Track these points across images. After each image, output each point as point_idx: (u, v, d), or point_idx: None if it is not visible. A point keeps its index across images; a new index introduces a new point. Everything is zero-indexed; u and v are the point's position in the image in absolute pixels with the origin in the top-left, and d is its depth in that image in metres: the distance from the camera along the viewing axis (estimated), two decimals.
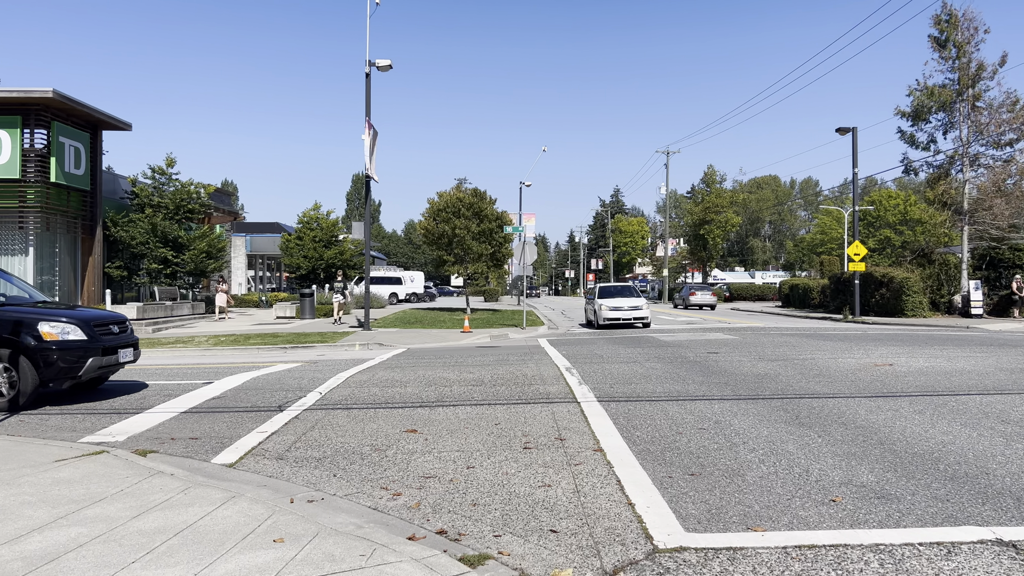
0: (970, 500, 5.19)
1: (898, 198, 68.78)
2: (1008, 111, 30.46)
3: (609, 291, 28.70)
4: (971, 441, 6.94)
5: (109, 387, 11.48)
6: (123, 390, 11.20)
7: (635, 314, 26.54)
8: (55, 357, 9.32)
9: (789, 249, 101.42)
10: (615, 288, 29.41)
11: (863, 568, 4.00)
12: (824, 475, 5.89)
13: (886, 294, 32.22)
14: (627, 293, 28.48)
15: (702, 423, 8.03)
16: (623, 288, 29.50)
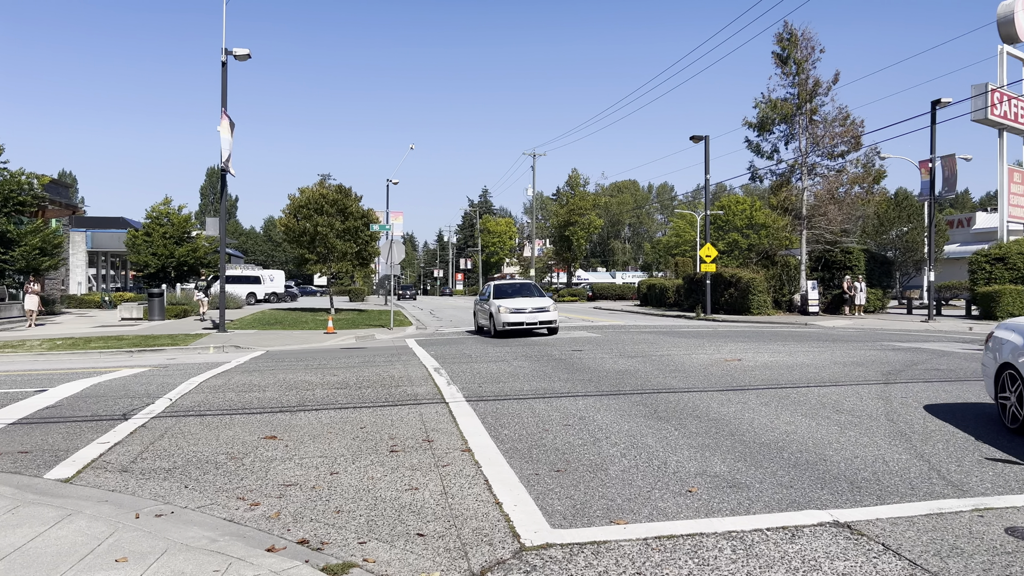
0: (811, 485, 5.58)
1: (745, 203, 73.48)
2: (840, 125, 33.21)
3: (506, 290, 23.15)
4: (811, 430, 7.48)
5: None
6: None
7: (541, 317, 21.48)
8: None
9: (647, 251, 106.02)
10: (514, 287, 23.69)
11: (717, 555, 4.19)
12: (681, 467, 6.15)
13: (734, 293, 34.30)
14: (528, 292, 23.28)
15: (567, 420, 8.20)
16: (523, 286, 23.81)
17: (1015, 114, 31.32)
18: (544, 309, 21.58)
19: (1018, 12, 31.40)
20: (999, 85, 30.68)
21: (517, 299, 22.00)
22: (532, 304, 21.62)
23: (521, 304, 21.61)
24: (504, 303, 21.61)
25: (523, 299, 22.10)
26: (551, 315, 21.60)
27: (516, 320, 21.27)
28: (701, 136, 33.93)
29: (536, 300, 22.07)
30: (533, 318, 21.38)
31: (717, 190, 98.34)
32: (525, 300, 21.98)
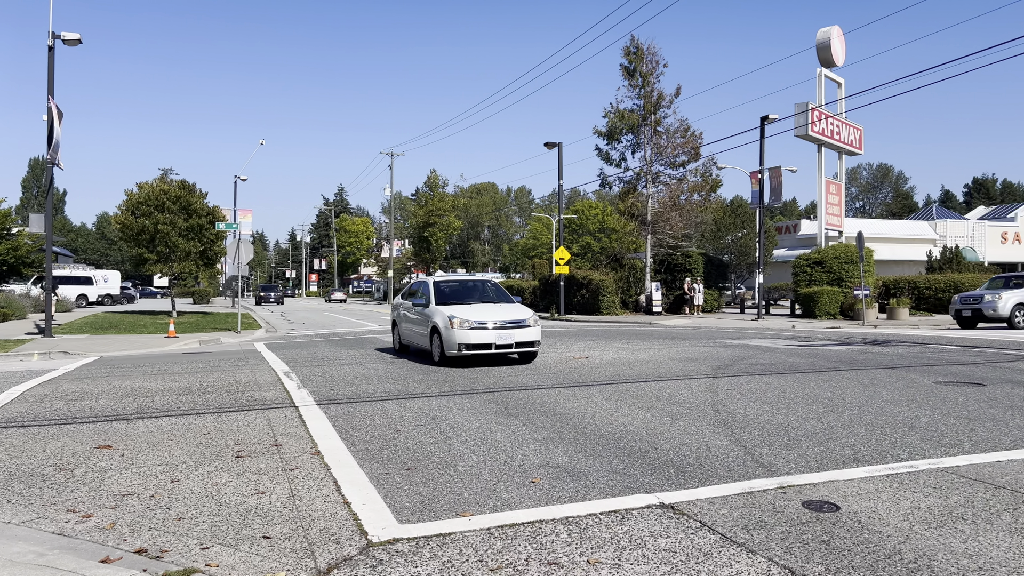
0: (642, 471, 6.04)
1: (598, 208, 76.52)
2: (681, 136, 35.44)
3: (456, 291, 15.44)
4: (645, 422, 8.05)
5: None
6: None
7: (518, 336, 13.74)
8: None
9: (506, 253, 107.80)
10: (465, 286, 15.85)
11: (554, 540, 4.49)
12: (526, 459, 6.46)
13: (586, 294, 35.71)
14: (488, 295, 15.49)
15: (420, 419, 8.33)
16: (478, 286, 15.95)
17: (832, 131, 34.66)
18: (521, 323, 13.80)
19: (834, 39, 34.78)
20: (818, 104, 33.84)
21: (476, 306, 14.25)
22: (501, 315, 13.84)
23: (485, 314, 13.75)
24: (458, 312, 13.69)
25: (485, 306, 14.32)
26: (532, 332, 13.83)
27: (481, 340, 13.34)
28: (555, 143, 35.05)
29: (506, 308, 14.30)
30: (506, 336, 13.48)
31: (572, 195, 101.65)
32: (489, 308, 14.16)
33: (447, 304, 14.27)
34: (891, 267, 47.18)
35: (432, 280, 15.57)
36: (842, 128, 35.53)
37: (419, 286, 16.19)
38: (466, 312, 13.68)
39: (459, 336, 13.24)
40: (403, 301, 16.75)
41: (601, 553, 4.25)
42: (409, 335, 15.84)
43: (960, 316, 25.03)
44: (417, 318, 15.14)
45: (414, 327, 15.40)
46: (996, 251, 57.89)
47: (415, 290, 16.27)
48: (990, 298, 23.89)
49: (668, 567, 4.05)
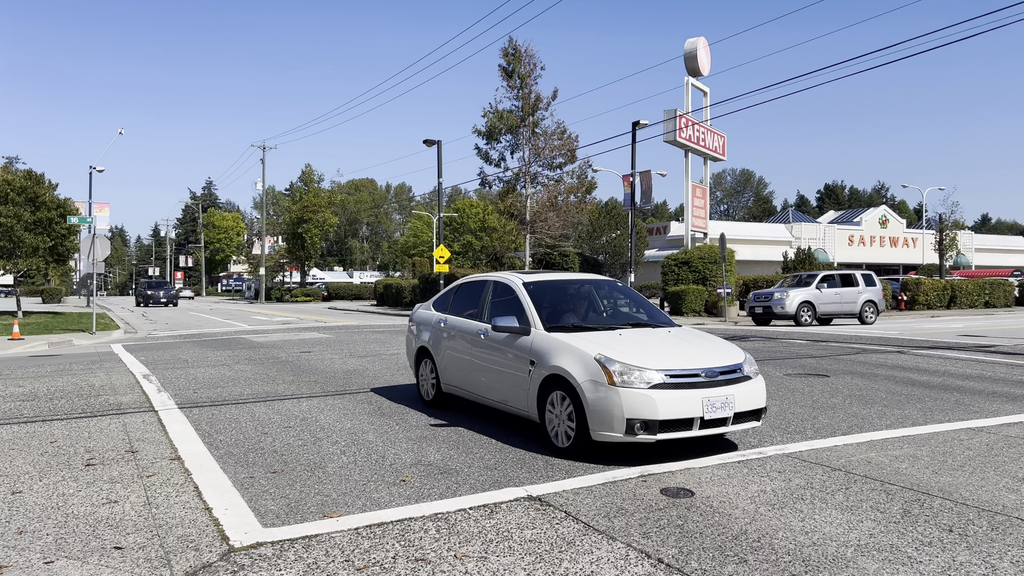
0: (512, 466, 6.16)
1: (478, 207, 76.92)
2: (559, 138, 36.24)
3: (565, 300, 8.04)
4: (518, 417, 8.19)
5: None
6: None
7: (740, 400, 6.39)
8: None
9: (385, 250, 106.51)
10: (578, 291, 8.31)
11: (423, 536, 4.51)
12: (398, 458, 6.44)
13: None
14: (624, 309, 8.40)
15: (289, 421, 8.13)
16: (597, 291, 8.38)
17: (698, 138, 36.45)
18: (735, 373, 6.59)
19: (700, 50, 36.59)
20: (686, 112, 35.50)
21: (631, 334, 7.11)
22: (695, 355, 6.68)
23: (669, 354, 6.60)
24: (613, 350, 6.45)
25: (644, 334, 7.21)
26: (755, 389, 6.64)
27: (678, 411, 6.13)
28: (434, 141, 34.96)
29: (687, 341, 7.17)
30: (720, 403, 6.27)
31: (453, 193, 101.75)
32: (659, 340, 7.06)
33: (566, 329, 7.05)
34: (752, 267, 50.22)
35: (521, 279, 7.89)
36: (707, 135, 37.43)
37: (486, 289, 8.30)
38: (632, 350, 6.44)
39: (633, 403, 6.04)
40: (443, 316, 8.78)
41: (469, 547, 4.32)
42: (467, 378, 8.11)
43: (753, 313, 26.28)
44: (493, 354, 7.62)
45: (486, 366, 7.75)
46: (844, 252, 62.80)
47: (475, 296, 8.46)
48: (779, 296, 25.26)
49: (533, 557, 4.16)
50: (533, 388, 6.82)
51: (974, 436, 7.23)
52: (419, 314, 9.59)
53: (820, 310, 25.43)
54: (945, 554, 4.19)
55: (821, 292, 25.63)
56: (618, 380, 6.09)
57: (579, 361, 6.37)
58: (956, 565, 4.04)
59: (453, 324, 8.48)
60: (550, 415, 6.69)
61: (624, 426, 6.02)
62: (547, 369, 6.61)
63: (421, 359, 9.18)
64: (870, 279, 27.08)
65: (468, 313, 8.36)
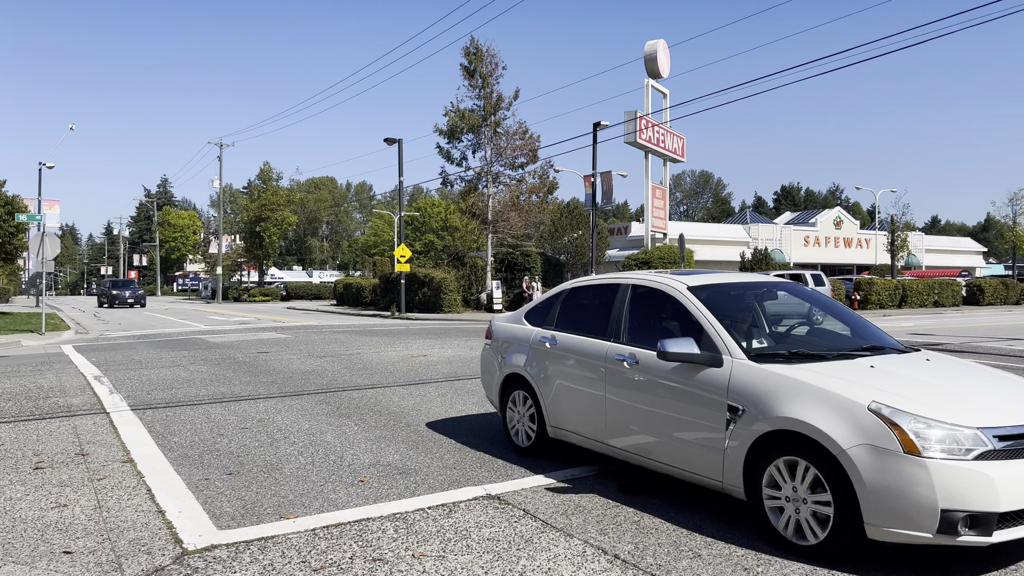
0: (472, 465, 6.17)
1: (440, 206, 76.67)
2: (520, 138, 36.27)
3: (767, 315, 5.88)
4: (479, 416, 8.20)
5: None
6: None
7: None
8: None
9: (345, 250, 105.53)
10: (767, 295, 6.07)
11: (381, 536, 4.50)
12: (356, 459, 6.41)
13: (428, 293, 35.72)
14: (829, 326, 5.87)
15: (245, 423, 8.02)
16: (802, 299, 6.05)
17: (657, 139, 36.86)
18: None
19: (660, 52, 36.99)
20: (645, 113, 35.87)
21: (895, 362, 4.84)
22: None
23: (996, 407, 4.15)
24: (902, 396, 4.11)
25: (947, 379, 4.61)
26: None
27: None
28: (395, 139, 34.75)
29: (1003, 385, 4.58)
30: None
31: (415, 192, 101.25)
32: (968, 386, 4.51)
33: (783, 358, 4.80)
34: (711, 267, 50.89)
35: (684, 282, 5.59)
36: (667, 136, 37.87)
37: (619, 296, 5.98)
38: (917, 393, 4.24)
39: (953, 483, 3.77)
40: (546, 333, 6.51)
41: (427, 546, 4.32)
42: (596, 423, 5.77)
43: None
44: (650, 393, 5.28)
45: (635, 409, 5.39)
46: (800, 253, 64.07)
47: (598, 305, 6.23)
48: None
49: (491, 555, 4.18)
50: (738, 450, 4.51)
51: None
52: (504, 328, 7.16)
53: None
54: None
55: None
56: (919, 445, 3.82)
57: (836, 411, 4.09)
58: None
59: (568, 345, 6.06)
60: (772, 495, 4.35)
61: (937, 521, 3.73)
62: (770, 422, 4.32)
63: (511, 390, 6.77)
64: (819, 279, 27.66)
65: (588, 329, 5.97)
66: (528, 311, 7.00)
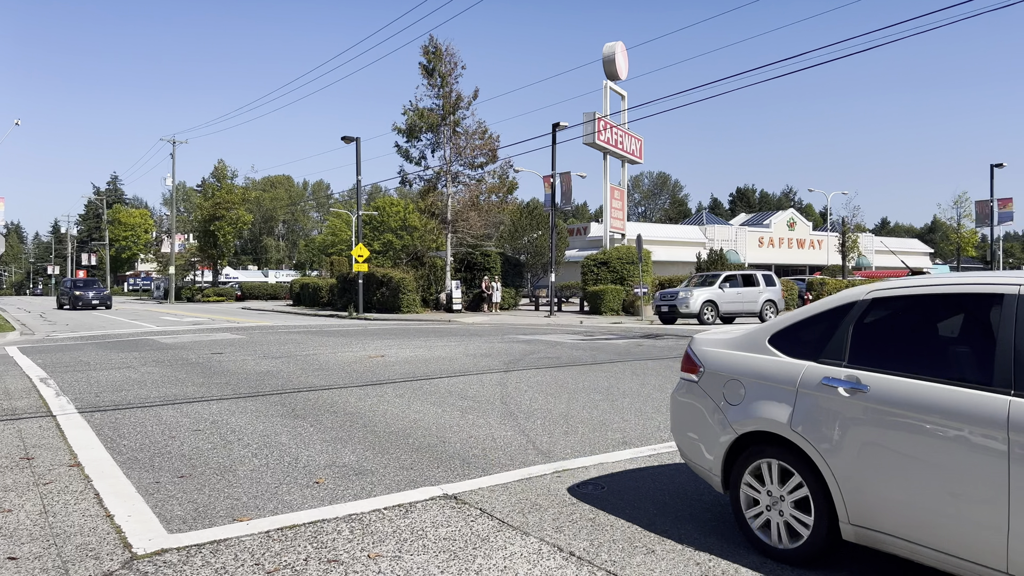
0: (429, 465, 6.16)
1: (399, 205, 76.21)
2: (480, 138, 36.25)
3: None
4: (436, 417, 8.20)
5: None
6: None
7: None
8: None
9: (302, 249, 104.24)
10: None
11: (336, 537, 4.47)
12: (312, 460, 6.35)
13: (386, 293, 35.48)
14: None
15: (198, 424, 7.88)
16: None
17: (616, 141, 37.14)
18: None
19: (618, 54, 37.30)
20: (604, 115, 36.13)
21: None
22: None
23: None
24: None
25: None
26: None
27: None
28: (353, 137, 34.45)
29: None
30: None
31: (373, 191, 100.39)
32: None
33: None
34: (667, 267, 51.53)
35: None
36: (625, 138, 38.19)
37: (999, 312, 3.45)
38: None
39: None
40: (839, 371, 3.98)
41: (382, 547, 4.30)
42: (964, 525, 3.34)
43: (660, 312, 26.79)
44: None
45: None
46: (755, 253, 65.22)
47: (955, 327, 3.79)
48: (683, 295, 25.89)
49: (447, 554, 4.19)
50: None
51: None
52: (728, 359, 4.68)
53: (723, 309, 26.30)
54: None
55: (724, 292, 26.51)
56: None
57: None
58: None
59: (902, 395, 3.66)
60: None
61: None
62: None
63: (752, 458, 4.34)
64: (770, 279, 28.18)
65: (939, 368, 3.63)
66: (778, 333, 4.51)
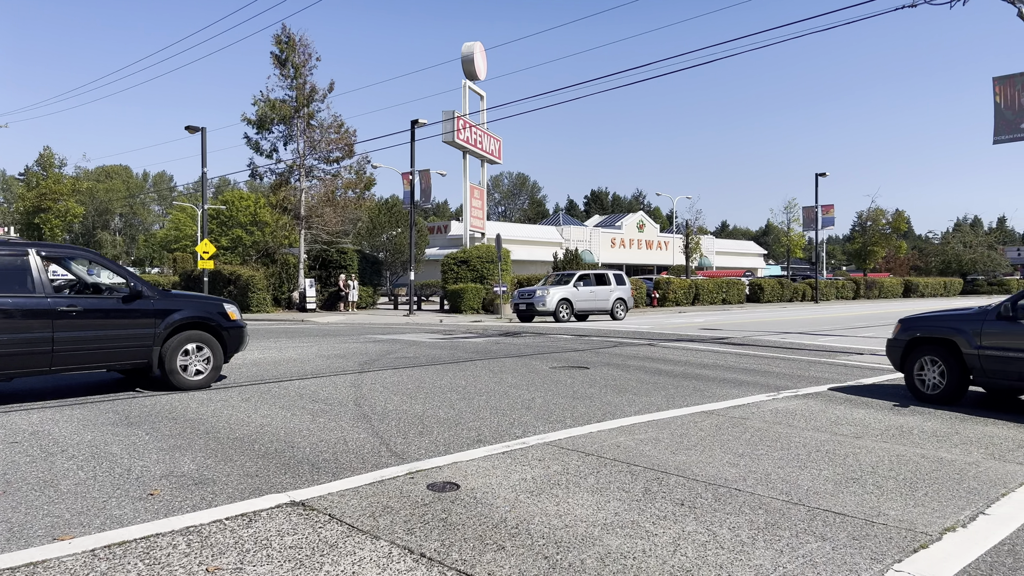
0: (276, 472, 5.92)
1: (249, 200, 72.81)
2: (336, 132, 35.31)
3: None
4: (285, 421, 7.90)
5: None
6: None
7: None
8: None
9: (141, 244, 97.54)
10: None
11: (171, 552, 4.19)
12: (146, 471, 5.93)
13: (234, 291, 33.82)
14: None
15: (14, 436, 7.16)
16: None
17: (475, 140, 37.40)
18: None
19: (477, 54, 37.57)
20: (463, 113, 36.27)
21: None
22: None
23: None
24: None
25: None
26: None
27: None
28: (198, 127, 32.59)
29: None
30: None
31: (221, 184, 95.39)
32: None
33: None
34: (527, 266, 52.55)
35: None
36: (484, 138, 38.54)
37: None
38: None
39: None
40: None
41: (223, 559, 4.08)
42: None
43: (518, 310, 27.56)
44: None
45: None
46: (608, 254, 67.81)
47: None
48: (540, 294, 26.76)
49: (293, 563, 4.04)
50: None
51: (707, 418, 8.14)
52: None
53: (577, 307, 27.22)
54: (677, 526, 4.67)
55: (578, 290, 27.45)
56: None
57: None
58: (685, 535, 4.52)
59: None
60: None
61: None
62: None
63: None
64: (621, 279, 29.48)
65: None
66: None
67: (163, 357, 9.86)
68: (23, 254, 8.99)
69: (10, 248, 9.04)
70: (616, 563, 4.08)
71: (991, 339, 8.64)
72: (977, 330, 8.81)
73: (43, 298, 8.92)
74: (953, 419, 8.27)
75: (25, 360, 8.75)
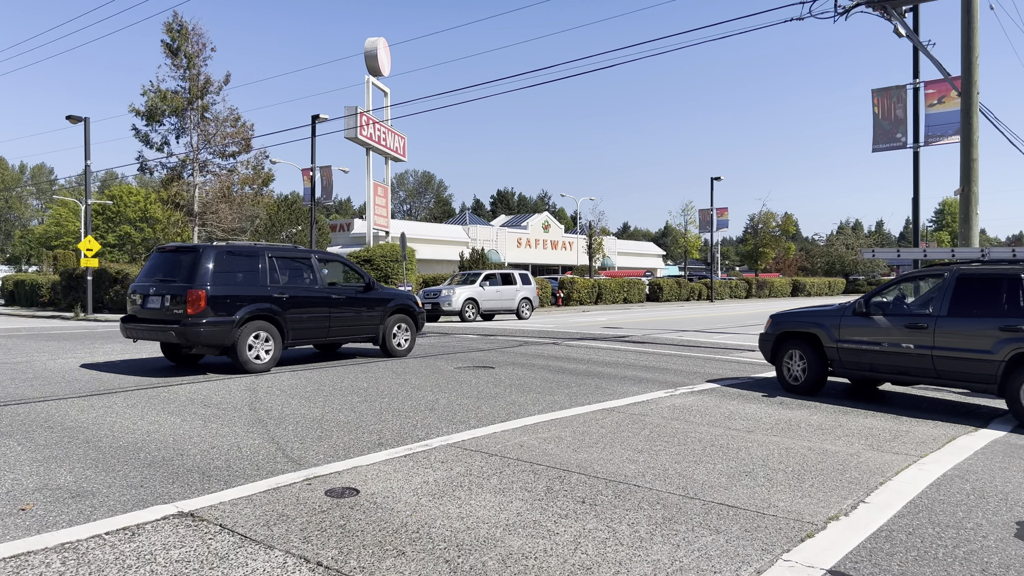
0: (162, 482, 5.61)
1: (139, 195, 69.29)
2: (232, 125, 34.09)
3: None
4: (174, 427, 7.51)
5: None
6: None
7: None
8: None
9: (17, 241, 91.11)
10: None
11: (44, 571, 3.89)
12: (18, 484, 5.50)
13: (121, 291, 32.03)
14: None
15: None
16: None
17: (379, 137, 36.85)
18: None
19: (380, 50, 37.03)
20: (367, 110, 35.66)
21: None
22: None
23: None
24: None
25: None
26: None
27: None
28: (80, 117, 30.68)
29: None
30: None
31: (108, 178, 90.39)
32: None
33: None
34: (433, 265, 52.24)
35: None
36: (388, 135, 38.03)
37: None
38: None
39: None
40: None
41: None
42: None
43: (424, 310, 27.71)
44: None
45: None
46: (514, 253, 68.23)
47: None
48: (446, 293, 26.72)
49: None
50: None
51: (608, 416, 8.28)
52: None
53: (483, 306, 27.27)
54: (578, 524, 4.71)
55: (484, 290, 27.50)
56: None
57: None
58: (586, 532, 4.56)
59: None
60: None
61: None
62: None
63: None
64: (527, 278, 29.75)
65: None
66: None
67: (383, 333, 13.35)
68: (307, 257, 12.47)
69: (300, 252, 12.49)
70: (518, 564, 4.07)
71: (848, 333, 9.54)
72: (836, 324, 9.70)
73: (323, 290, 12.47)
74: (837, 412, 8.73)
75: (318, 332, 12.34)
